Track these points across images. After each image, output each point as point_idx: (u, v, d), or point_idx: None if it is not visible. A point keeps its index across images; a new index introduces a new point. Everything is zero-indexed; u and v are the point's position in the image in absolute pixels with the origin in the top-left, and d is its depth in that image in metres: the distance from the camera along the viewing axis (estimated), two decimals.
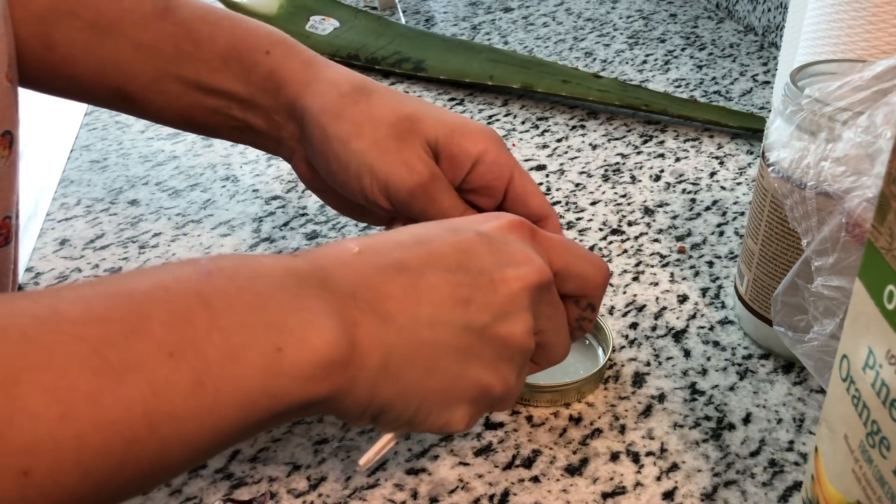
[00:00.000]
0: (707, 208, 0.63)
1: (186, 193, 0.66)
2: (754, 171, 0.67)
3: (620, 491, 0.40)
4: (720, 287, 0.54)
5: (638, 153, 0.71)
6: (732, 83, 0.83)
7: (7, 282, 0.46)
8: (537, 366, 0.38)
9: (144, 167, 0.70)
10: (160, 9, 0.45)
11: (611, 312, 0.52)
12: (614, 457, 0.41)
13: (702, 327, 0.50)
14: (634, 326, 0.50)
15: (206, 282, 0.28)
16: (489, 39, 0.95)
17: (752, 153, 0.70)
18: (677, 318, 0.51)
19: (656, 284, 0.54)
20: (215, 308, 0.27)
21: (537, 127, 0.75)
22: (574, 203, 0.64)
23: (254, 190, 0.66)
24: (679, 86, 0.83)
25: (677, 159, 0.69)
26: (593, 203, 0.64)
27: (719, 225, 0.60)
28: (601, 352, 0.47)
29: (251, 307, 0.28)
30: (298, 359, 0.28)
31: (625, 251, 0.58)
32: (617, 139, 0.73)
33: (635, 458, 0.41)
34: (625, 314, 0.51)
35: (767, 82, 0.83)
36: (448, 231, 0.34)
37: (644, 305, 0.52)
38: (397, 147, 0.42)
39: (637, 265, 0.56)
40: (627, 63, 0.88)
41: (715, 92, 0.81)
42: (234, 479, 0.41)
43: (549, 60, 0.84)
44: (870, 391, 0.26)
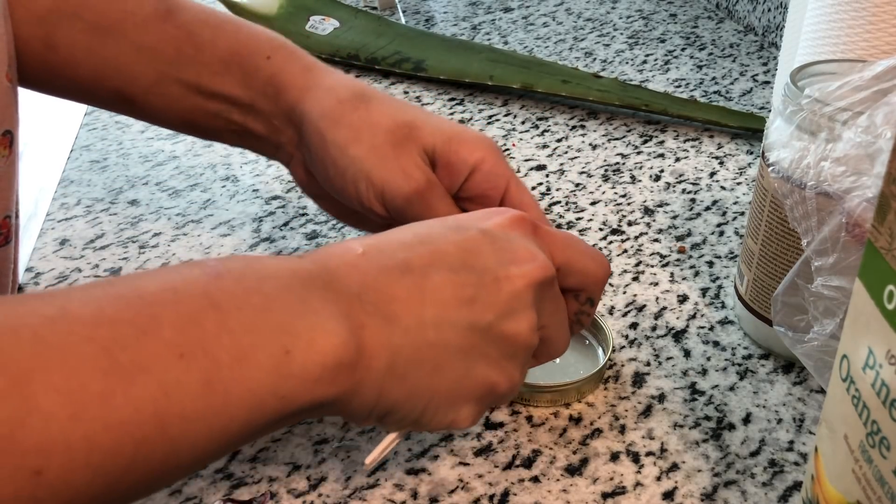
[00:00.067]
0: (707, 208, 0.63)
1: (186, 193, 0.66)
2: (754, 171, 0.67)
3: (620, 491, 0.40)
4: (720, 287, 0.54)
5: (638, 153, 0.71)
6: (732, 83, 0.83)
7: (7, 282, 0.46)
8: (536, 360, 0.38)
9: (144, 167, 0.70)
10: (162, 11, 0.45)
11: (611, 312, 0.52)
12: (614, 457, 0.41)
13: (702, 327, 0.50)
14: (634, 326, 0.50)
15: (215, 283, 0.28)
16: (489, 39, 0.95)
17: (752, 153, 0.70)
18: (677, 318, 0.51)
19: (656, 284, 0.54)
20: (224, 310, 0.27)
21: (537, 127, 0.75)
22: (574, 203, 0.64)
23: (254, 190, 0.66)
24: (679, 86, 0.83)
25: (677, 159, 0.69)
26: (593, 203, 0.64)
27: (719, 225, 0.60)
28: (601, 352, 0.47)
29: (259, 309, 0.28)
30: (306, 361, 0.28)
31: (625, 251, 0.58)
32: (617, 139, 0.73)
33: (635, 458, 0.41)
34: (625, 314, 0.51)
35: (767, 82, 0.83)
36: (451, 229, 0.34)
37: (644, 305, 0.52)
38: (394, 154, 0.42)
39: (637, 265, 0.56)
40: (627, 63, 0.88)
41: (715, 92, 0.81)
42: (234, 479, 0.41)
43: (549, 60, 0.84)
44: (870, 391, 0.26)
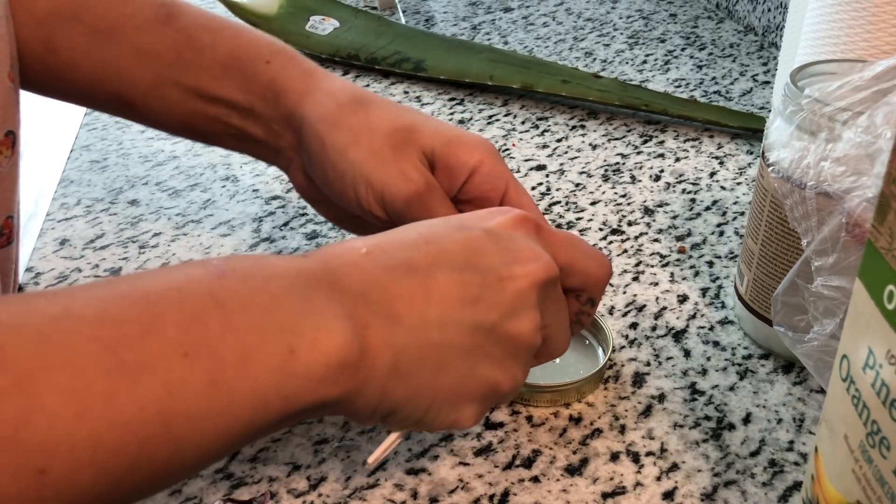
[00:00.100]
0: (707, 208, 0.63)
1: (186, 193, 0.66)
2: (754, 171, 0.67)
3: (620, 491, 0.40)
4: (720, 287, 0.54)
5: (638, 153, 0.71)
6: (732, 83, 0.83)
7: (9, 281, 0.46)
8: (536, 360, 0.38)
9: (144, 167, 0.70)
10: (162, 15, 0.45)
11: (611, 312, 0.52)
12: (614, 457, 0.41)
13: (702, 327, 0.50)
14: (634, 326, 0.50)
15: (219, 283, 0.28)
16: (489, 39, 0.95)
17: (752, 153, 0.70)
18: (677, 318, 0.51)
19: (656, 284, 0.54)
20: (228, 309, 0.27)
21: (537, 127, 0.75)
22: (574, 203, 0.64)
23: (254, 190, 0.66)
24: (679, 86, 0.83)
25: (677, 159, 0.69)
26: (593, 203, 0.64)
27: (719, 225, 0.60)
28: (601, 352, 0.47)
29: (264, 309, 0.28)
30: (311, 361, 0.28)
31: (625, 251, 0.58)
32: (617, 139, 0.73)
33: (635, 458, 0.41)
34: (625, 314, 0.51)
35: (767, 82, 0.83)
36: (455, 229, 0.34)
37: (644, 305, 0.52)
38: (394, 157, 0.42)
39: (637, 265, 0.56)
40: (627, 63, 0.88)
41: (715, 92, 0.81)
42: (234, 479, 0.41)
43: (549, 60, 0.84)
44: (870, 391, 0.26)
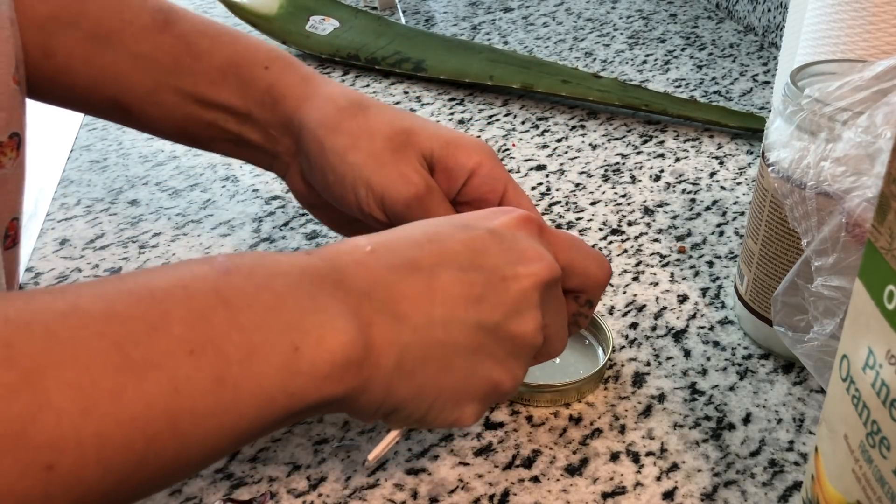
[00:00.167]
0: (707, 208, 0.63)
1: (186, 193, 0.66)
2: (754, 171, 0.67)
3: (620, 491, 0.40)
4: (720, 287, 0.54)
5: (638, 153, 0.71)
6: (732, 83, 0.83)
7: (14, 283, 0.46)
8: (534, 360, 0.38)
9: (144, 167, 0.70)
10: (160, 21, 0.46)
11: (611, 312, 0.52)
12: (614, 457, 0.41)
13: (702, 327, 0.50)
14: (634, 326, 0.50)
15: (224, 280, 0.28)
16: (489, 39, 0.95)
17: (752, 153, 0.70)
18: (677, 318, 0.51)
19: (656, 284, 0.54)
20: (234, 306, 0.27)
21: (537, 127, 0.75)
22: (574, 203, 0.64)
23: (254, 190, 0.66)
24: (679, 86, 0.83)
25: (677, 159, 0.69)
26: (593, 203, 0.64)
27: (719, 225, 0.60)
28: (601, 352, 0.47)
29: (269, 307, 0.28)
30: (316, 358, 0.28)
31: (625, 251, 0.58)
32: (617, 139, 0.73)
33: (635, 458, 0.41)
34: (625, 314, 0.51)
35: (767, 82, 0.83)
36: (459, 228, 0.34)
37: (644, 305, 0.52)
38: (393, 160, 0.43)
39: (637, 265, 0.56)
40: (627, 63, 0.88)
41: (715, 92, 0.81)
42: (234, 479, 0.41)
43: (549, 60, 0.84)
44: (870, 391, 0.26)
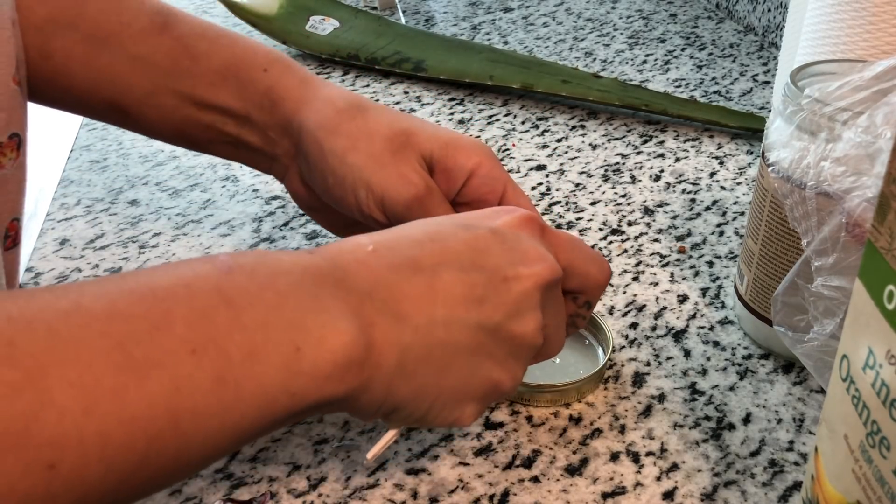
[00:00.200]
0: (707, 208, 0.63)
1: (186, 193, 0.66)
2: (754, 171, 0.67)
3: (620, 491, 0.40)
4: (720, 287, 0.54)
5: (638, 153, 0.71)
6: (732, 83, 0.83)
7: (15, 283, 0.46)
8: (531, 360, 0.38)
9: (144, 167, 0.70)
10: (159, 24, 0.46)
11: (611, 312, 0.52)
12: (614, 457, 0.41)
13: (702, 327, 0.50)
14: (634, 326, 0.50)
15: (226, 279, 0.28)
16: (489, 39, 0.95)
17: (752, 153, 0.70)
18: (677, 318, 0.51)
19: (656, 284, 0.54)
20: (236, 306, 0.27)
21: (537, 127, 0.75)
22: (574, 203, 0.64)
23: (254, 190, 0.66)
24: (679, 86, 0.83)
25: (677, 159, 0.69)
26: (593, 203, 0.64)
27: (719, 225, 0.60)
28: (601, 352, 0.47)
29: (271, 306, 0.28)
30: (317, 358, 0.28)
31: (625, 251, 0.58)
32: (617, 139, 0.73)
33: (635, 458, 0.41)
34: (625, 314, 0.51)
35: (767, 82, 0.83)
36: (461, 227, 0.34)
37: (644, 305, 0.52)
38: (393, 161, 0.43)
39: (637, 265, 0.56)
40: (627, 63, 0.88)
41: (715, 92, 0.81)
42: (234, 479, 0.41)
43: (549, 60, 0.84)
44: (870, 391, 0.26)
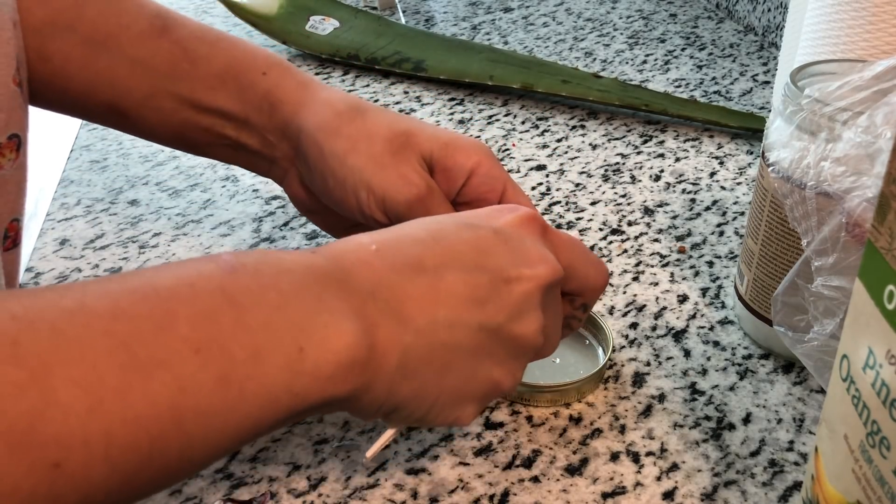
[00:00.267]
0: (707, 208, 0.63)
1: (186, 193, 0.66)
2: (754, 171, 0.67)
3: (620, 491, 0.40)
4: (720, 287, 0.54)
5: (638, 153, 0.71)
6: (732, 83, 0.83)
7: (15, 284, 0.46)
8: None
9: (144, 167, 0.70)
10: (158, 27, 0.46)
11: (611, 312, 0.52)
12: (614, 457, 0.41)
13: (702, 327, 0.50)
14: (634, 326, 0.50)
15: (230, 279, 0.28)
16: (489, 39, 0.95)
17: (752, 153, 0.70)
18: (677, 318, 0.51)
19: (656, 284, 0.54)
20: (240, 306, 0.27)
21: (537, 127, 0.75)
22: (574, 203, 0.64)
23: (254, 190, 0.66)
24: (679, 86, 0.83)
25: (677, 159, 0.69)
26: (593, 203, 0.64)
27: (719, 225, 0.60)
28: (601, 352, 0.47)
29: (275, 306, 0.28)
30: (320, 359, 0.28)
31: (625, 251, 0.58)
32: (617, 139, 0.73)
33: (635, 458, 0.41)
34: (625, 314, 0.51)
35: (767, 82, 0.83)
36: (464, 227, 0.34)
37: (644, 305, 0.52)
38: (393, 162, 0.43)
39: (637, 265, 0.56)
40: (627, 63, 0.88)
41: (715, 92, 0.81)
42: (234, 479, 0.41)
43: (549, 60, 0.84)
44: (870, 391, 0.26)
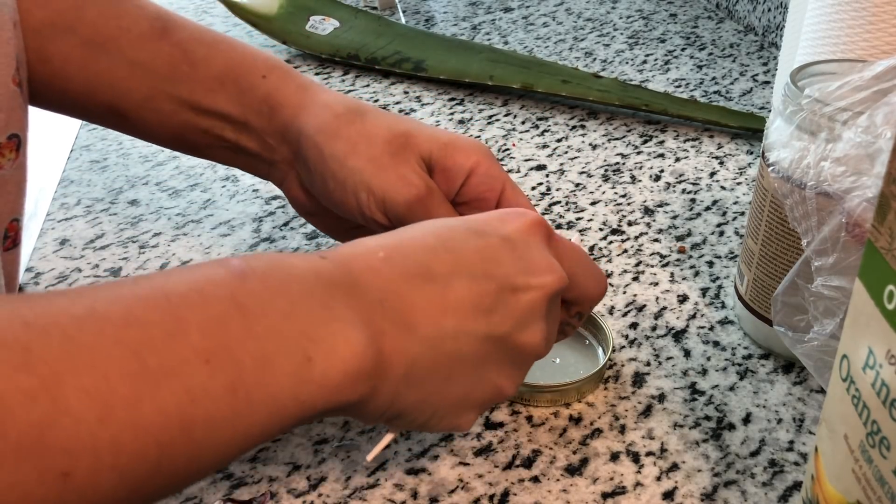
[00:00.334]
0: (707, 208, 0.63)
1: (186, 193, 0.66)
2: (754, 171, 0.67)
3: (620, 491, 0.40)
4: (720, 287, 0.54)
5: (638, 153, 0.71)
6: (732, 83, 0.83)
7: (15, 284, 0.46)
8: None
9: (144, 167, 0.70)
10: (158, 29, 0.46)
11: (611, 312, 0.52)
12: (614, 457, 0.41)
13: (702, 327, 0.50)
14: (634, 326, 0.50)
15: (240, 285, 0.28)
16: (489, 39, 0.95)
17: (752, 153, 0.70)
18: (677, 318, 0.51)
19: (656, 284, 0.54)
20: (250, 313, 0.27)
21: (537, 127, 0.75)
22: (574, 203, 0.64)
23: (254, 190, 0.66)
24: (679, 86, 0.83)
25: (677, 159, 0.69)
26: (593, 203, 0.64)
27: (719, 225, 0.60)
28: (601, 352, 0.47)
29: (284, 314, 0.28)
30: (328, 368, 0.28)
31: (625, 251, 0.58)
32: (617, 139, 0.73)
33: (635, 458, 0.41)
34: (625, 314, 0.51)
35: (767, 82, 0.83)
36: (473, 234, 0.34)
37: (644, 305, 0.52)
38: (393, 163, 0.43)
39: (637, 265, 0.56)
40: (627, 63, 0.88)
41: (715, 92, 0.81)
42: (234, 479, 0.41)
43: (549, 60, 0.84)
44: (870, 391, 0.26)
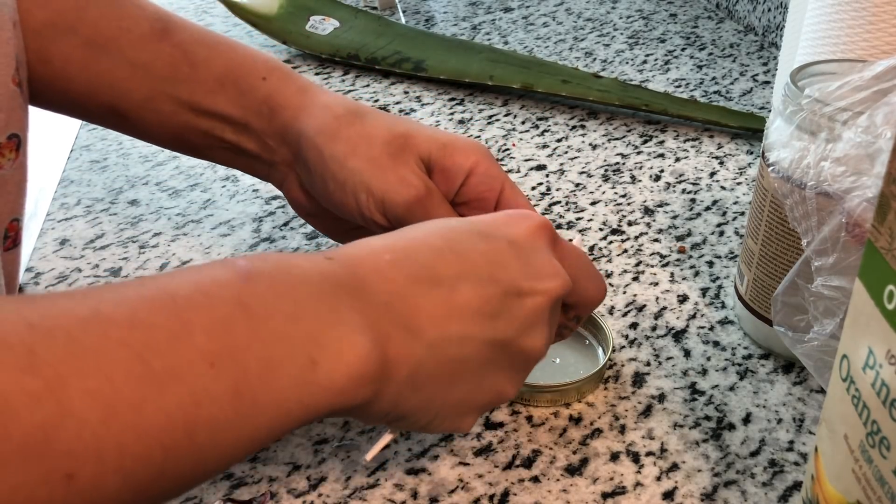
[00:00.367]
0: (707, 208, 0.63)
1: (186, 193, 0.66)
2: (754, 171, 0.67)
3: (620, 491, 0.40)
4: (720, 287, 0.54)
5: (638, 153, 0.71)
6: (732, 83, 0.83)
7: (15, 284, 0.46)
8: None
9: (144, 167, 0.70)
10: (158, 30, 0.46)
11: (611, 312, 0.52)
12: (614, 457, 0.41)
13: (702, 327, 0.50)
14: (634, 326, 0.50)
15: (246, 288, 0.28)
16: (489, 39, 0.95)
17: (752, 153, 0.70)
18: (677, 318, 0.51)
19: (656, 284, 0.54)
20: (255, 316, 0.27)
21: (537, 127, 0.75)
22: (574, 203, 0.64)
23: (254, 190, 0.66)
24: (679, 86, 0.83)
25: (677, 159, 0.69)
26: (593, 203, 0.64)
27: (719, 225, 0.60)
28: (601, 352, 0.47)
29: (289, 317, 0.28)
30: (333, 372, 0.28)
31: (625, 251, 0.58)
32: (617, 139, 0.73)
33: (635, 458, 0.41)
34: (625, 314, 0.51)
35: (767, 82, 0.83)
36: (479, 237, 0.34)
37: (644, 305, 0.52)
38: (392, 164, 0.43)
39: (637, 265, 0.56)
40: (627, 63, 0.88)
41: (715, 92, 0.81)
42: (234, 479, 0.41)
43: (549, 60, 0.84)
44: (870, 391, 0.26)
